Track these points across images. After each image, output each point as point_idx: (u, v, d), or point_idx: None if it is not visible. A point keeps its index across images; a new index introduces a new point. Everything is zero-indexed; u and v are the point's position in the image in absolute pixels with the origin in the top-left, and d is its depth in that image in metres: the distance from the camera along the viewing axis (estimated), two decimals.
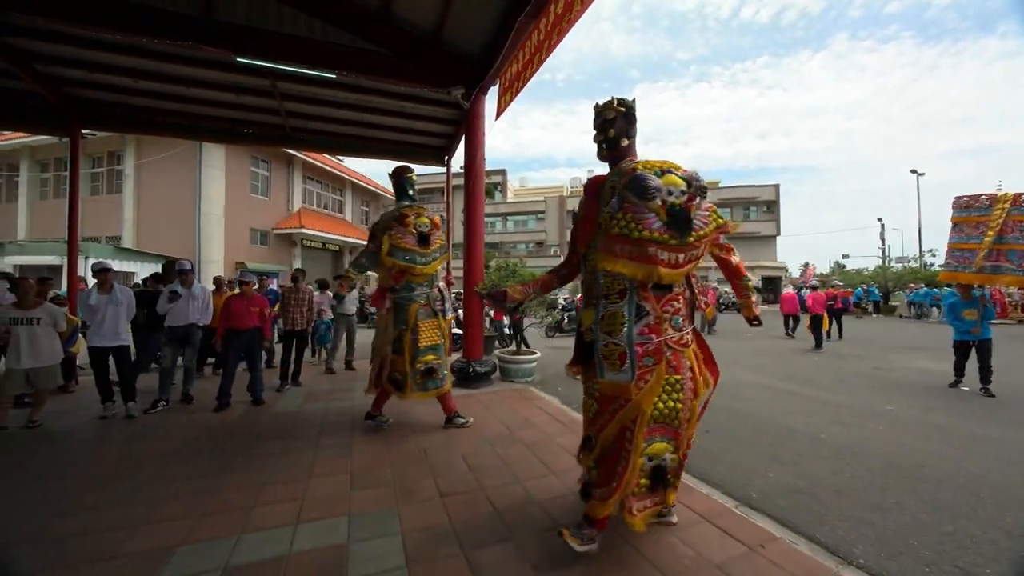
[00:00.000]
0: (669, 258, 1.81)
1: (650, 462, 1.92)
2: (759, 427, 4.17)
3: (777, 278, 36.47)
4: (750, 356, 8.75)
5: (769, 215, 37.95)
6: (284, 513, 2.40)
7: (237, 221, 16.73)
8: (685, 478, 2.86)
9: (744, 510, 2.49)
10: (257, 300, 4.83)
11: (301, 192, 20.14)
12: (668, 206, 1.82)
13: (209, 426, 4.03)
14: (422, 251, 3.62)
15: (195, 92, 6.23)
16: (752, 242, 37.16)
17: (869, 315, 21.56)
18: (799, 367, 7.49)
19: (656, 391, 1.86)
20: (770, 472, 3.12)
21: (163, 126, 7.16)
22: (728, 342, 11.10)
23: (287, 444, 3.53)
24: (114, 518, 2.38)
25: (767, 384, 6.08)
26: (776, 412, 4.68)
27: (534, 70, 4.41)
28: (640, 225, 1.81)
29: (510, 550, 2.06)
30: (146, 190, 16.01)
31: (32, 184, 17.75)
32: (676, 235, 1.80)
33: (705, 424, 4.16)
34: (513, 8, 4.48)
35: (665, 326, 1.90)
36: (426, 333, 3.69)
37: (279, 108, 6.72)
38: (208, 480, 2.86)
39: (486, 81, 5.39)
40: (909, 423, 4.28)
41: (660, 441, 1.93)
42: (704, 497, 2.63)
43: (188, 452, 3.41)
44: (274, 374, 5.70)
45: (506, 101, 4.96)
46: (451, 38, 5.36)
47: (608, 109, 2.04)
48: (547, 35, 4.11)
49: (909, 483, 2.93)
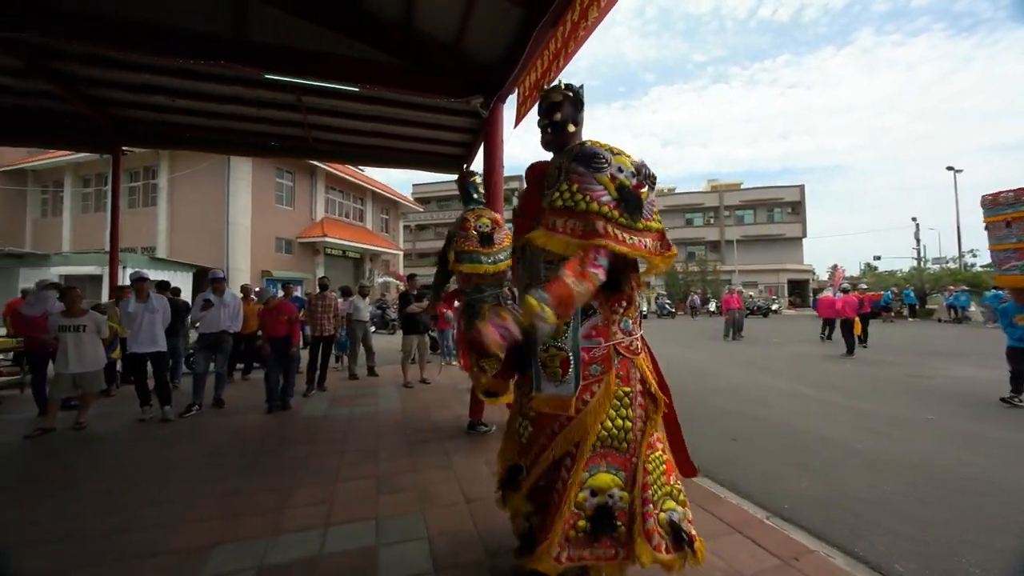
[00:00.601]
0: (620, 236, 1.54)
1: (593, 497, 1.54)
2: (788, 436, 4.05)
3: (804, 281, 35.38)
4: (778, 362, 8.51)
5: (794, 216, 36.90)
6: (314, 515, 2.46)
7: (263, 231, 17.30)
8: (712, 487, 2.82)
9: (776, 521, 2.42)
10: (285, 308, 4.99)
11: (324, 202, 20.69)
12: (618, 184, 1.60)
13: (240, 430, 4.16)
14: (486, 251, 3.62)
15: (226, 108, 6.51)
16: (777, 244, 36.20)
17: (904, 319, 20.66)
18: (830, 373, 7.24)
19: (605, 406, 1.57)
20: (802, 482, 3.02)
21: (195, 141, 7.50)
22: (755, 348, 10.82)
23: (314, 448, 3.62)
24: (154, 517, 2.49)
25: (796, 391, 5.90)
26: (806, 420, 4.53)
27: (552, 78, 4.45)
28: (588, 196, 1.56)
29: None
30: (178, 203, 16.76)
31: (75, 199, 18.81)
32: (626, 214, 1.57)
33: (732, 431, 4.10)
34: (531, 18, 4.53)
35: (614, 328, 1.64)
36: None
37: (304, 121, 6.94)
38: (240, 482, 2.95)
39: (504, 90, 5.46)
40: (952, 434, 4.08)
41: (606, 472, 1.57)
42: (733, 507, 2.57)
43: (220, 455, 3.53)
44: (300, 379, 5.85)
45: (525, 109, 5.00)
46: (470, 49, 5.46)
47: (555, 92, 1.86)
48: (564, 43, 4.15)
49: (953, 497, 2.80)
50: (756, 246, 35.97)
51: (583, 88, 1.93)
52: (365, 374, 6.82)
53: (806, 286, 34.99)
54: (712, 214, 39.16)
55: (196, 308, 4.74)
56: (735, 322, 12.58)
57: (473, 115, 6.31)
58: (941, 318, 19.55)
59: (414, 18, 5.11)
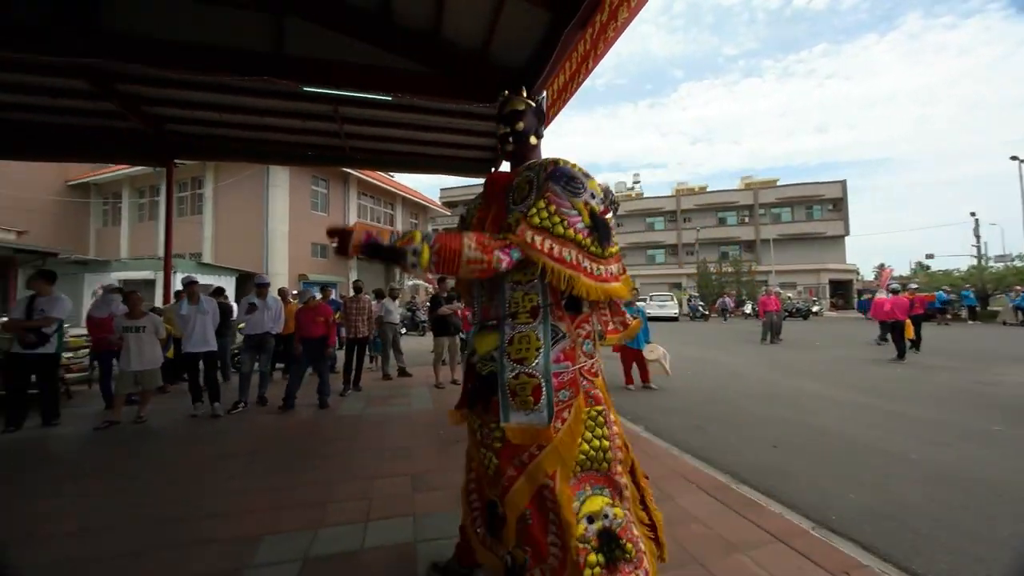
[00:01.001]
0: (590, 268, 1.51)
1: (591, 524, 1.42)
2: (835, 444, 3.85)
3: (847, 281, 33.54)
4: (820, 366, 8.11)
5: (835, 214, 35.11)
6: (354, 511, 2.54)
7: (300, 236, 18.05)
8: (751, 494, 2.72)
9: (823, 532, 2.32)
10: (322, 310, 5.19)
11: (356, 208, 21.39)
12: (590, 210, 1.56)
13: (282, 427, 4.36)
14: None
15: (266, 120, 6.85)
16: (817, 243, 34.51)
17: (963, 321, 19.21)
18: (878, 379, 6.83)
19: (579, 430, 1.50)
20: (851, 493, 2.87)
21: (239, 153, 7.92)
22: (795, 352, 10.36)
23: (351, 445, 3.74)
24: (207, 507, 2.65)
25: (842, 397, 5.60)
26: (854, 428, 4.30)
27: (581, 80, 4.43)
28: (566, 221, 1.51)
29: None
30: (222, 210, 17.74)
31: (132, 209, 20.25)
32: (597, 243, 1.54)
33: (771, 438, 3.95)
34: (558, 21, 4.54)
35: (579, 352, 1.59)
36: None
37: (339, 131, 7.21)
38: (284, 477, 3.09)
39: (533, 93, 5.49)
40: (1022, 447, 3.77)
41: (593, 494, 1.48)
42: (775, 516, 2.47)
43: (265, 450, 3.71)
44: (337, 379, 6.07)
45: (553, 112, 5.00)
46: (498, 54, 5.52)
47: (517, 100, 1.77)
48: (593, 44, 4.13)
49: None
50: (794, 245, 34.43)
51: (544, 99, 1.87)
52: (396, 375, 6.99)
53: (850, 287, 33.14)
54: (746, 212, 37.78)
55: (241, 311, 5.02)
56: (773, 325, 12.07)
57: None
58: (1007, 320, 18.02)
59: (442, 27, 5.22)
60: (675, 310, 23.49)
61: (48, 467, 3.55)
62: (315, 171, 18.94)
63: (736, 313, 26.93)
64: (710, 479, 2.98)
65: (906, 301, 9.27)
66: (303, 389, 5.04)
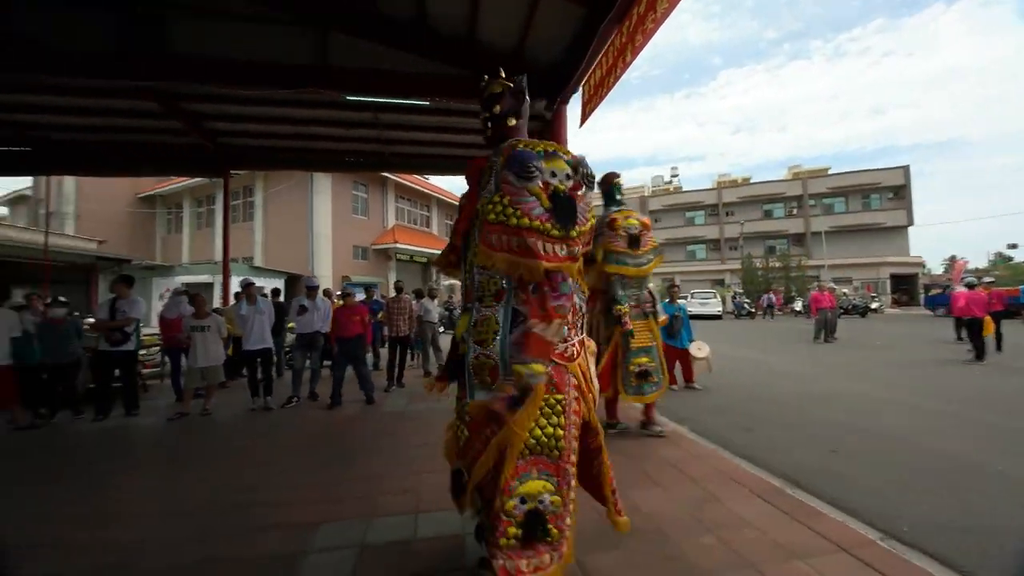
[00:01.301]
0: (550, 251, 1.53)
1: (523, 504, 1.52)
2: (902, 451, 3.58)
3: (912, 275, 30.94)
4: (882, 367, 7.55)
5: (897, 202, 32.45)
6: (404, 503, 2.64)
7: (342, 239, 18.84)
8: (809, 500, 2.59)
9: (892, 544, 2.16)
10: (358, 309, 5.39)
11: (394, 210, 22.06)
12: (552, 191, 1.56)
13: (332, 422, 4.59)
14: (633, 253, 3.70)
15: (312, 130, 7.20)
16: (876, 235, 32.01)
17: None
18: (952, 381, 6.26)
19: (532, 413, 1.53)
20: (923, 504, 2.66)
21: (287, 162, 8.39)
22: (852, 351, 9.70)
23: (397, 440, 3.88)
24: (268, 494, 2.83)
25: (907, 400, 5.19)
26: (923, 434, 3.97)
27: (619, 74, 4.35)
28: (519, 210, 1.54)
29: (620, 558, 2.04)
30: (271, 216, 18.82)
31: (192, 217, 21.88)
32: (559, 225, 1.53)
33: (830, 442, 3.72)
34: (594, 16, 4.48)
35: None
36: (638, 335, 3.73)
37: (379, 136, 7.47)
38: (335, 469, 3.25)
39: (567, 90, 5.45)
40: None
41: (537, 478, 1.55)
42: (838, 524, 2.33)
43: (318, 443, 3.92)
44: (380, 376, 6.29)
45: (590, 108, 4.96)
46: (532, 53, 5.52)
47: (494, 84, 1.79)
48: (630, 37, 4.03)
49: None
50: (849, 237, 32.12)
51: (524, 79, 1.84)
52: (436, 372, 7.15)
53: (914, 281, 30.52)
54: (795, 204, 35.66)
55: (293, 312, 5.32)
56: (827, 323, 11.34)
57: (537, 118, 6.36)
58: None
59: (477, 30, 5.29)
60: (718, 308, 22.54)
61: (132, 453, 3.94)
62: (355, 176, 19.70)
63: (785, 311, 25.52)
64: (761, 482, 2.86)
65: (983, 296, 8.43)
66: (349, 386, 5.26)
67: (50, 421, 4.81)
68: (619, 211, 3.83)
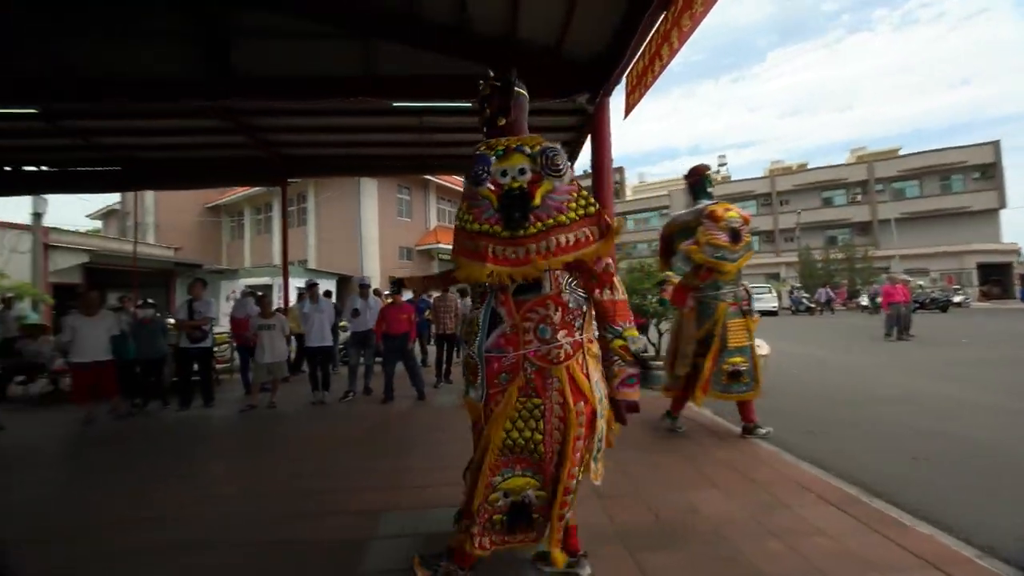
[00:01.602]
0: (500, 253, 1.52)
1: (506, 498, 1.57)
2: (995, 459, 3.22)
3: (1005, 265, 27.55)
4: (969, 368, 6.81)
5: (985, 183, 29.07)
6: (457, 495, 2.71)
7: (388, 241, 19.60)
8: (890, 510, 2.40)
9: (991, 562, 1.95)
10: (405, 308, 5.58)
11: (435, 212, 22.65)
12: (505, 190, 1.53)
13: (386, 416, 4.80)
14: (732, 248, 3.50)
15: (360, 137, 7.54)
16: (958, 220, 28.79)
17: None
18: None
19: (505, 416, 1.54)
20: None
21: (337, 168, 8.85)
22: (932, 350, 8.83)
23: (449, 434, 3.99)
24: (330, 483, 3.01)
25: (1001, 405, 4.65)
26: (1021, 443, 3.55)
27: (665, 63, 4.20)
28: (472, 215, 1.58)
29: (679, 559, 1.99)
30: (323, 220, 19.91)
31: (252, 224, 23.58)
32: (509, 228, 1.51)
33: (911, 448, 3.42)
34: (638, 4, 4.36)
35: (528, 337, 1.55)
36: (735, 334, 3.58)
37: (422, 140, 7.68)
38: (392, 460, 3.40)
39: (611, 82, 5.35)
40: None
41: (520, 475, 1.57)
42: (925, 538, 2.14)
43: (374, 435, 4.12)
44: (429, 373, 6.50)
45: (635, 99, 4.83)
46: (573, 47, 5.46)
47: (483, 86, 1.75)
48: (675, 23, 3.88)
49: None
50: (925, 224, 29.17)
51: (514, 73, 1.76)
52: None
53: (1008, 270, 27.14)
54: (859, 190, 32.90)
55: (347, 314, 5.63)
56: (900, 318, 10.37)
57: (578, 112, 6.29)
58: None
59: (517, 29, 5.30)
60: (774, 303, 21.28)
61: (212, 440, 4.36)
62: (399, 180, 20.40)
63: (849, 305, 23.63)
64: (832, 488, 2.68)
65: None
66: (400, 381, 5.48)
67: (143, 410, 5.39)
68: (718, 203, 3.62)
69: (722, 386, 3.55)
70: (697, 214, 3.60)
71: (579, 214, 1.55)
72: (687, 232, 3.67)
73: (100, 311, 5.17)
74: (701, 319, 3.59)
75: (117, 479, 3.27)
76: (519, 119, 1.73)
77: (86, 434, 4.61)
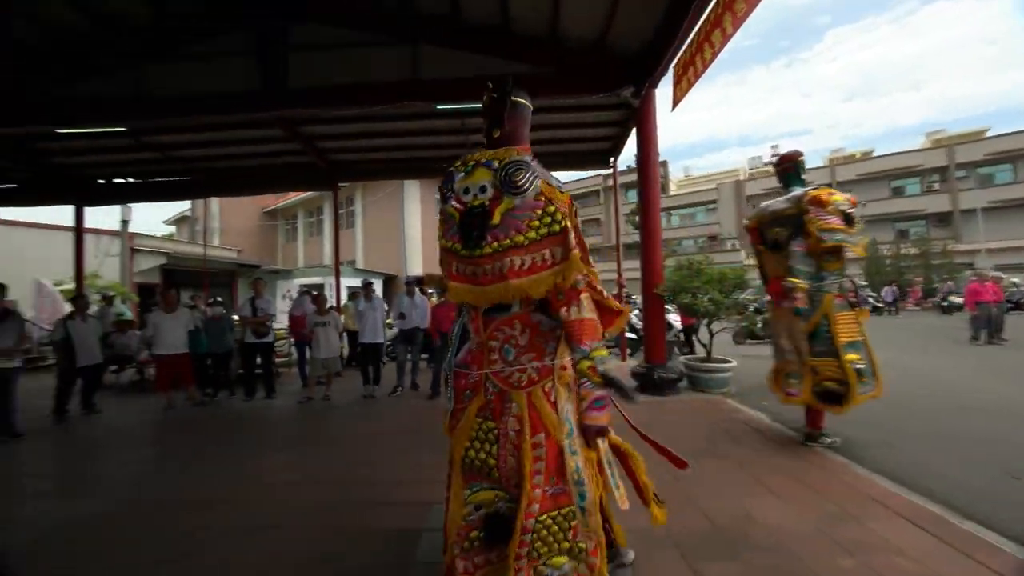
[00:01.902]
0: (460, 271, 1.50)
1: (477, 511, 1.49)
2: None
3: None
4: None
5: None
6: None
7: (431, 240, 20.10)
8: (985, 534, 2.17)
9: None
10: (454, 306, 5.70)
11: None
12: (467, 208, 1.48)
13: (433, 411, 4.92)
14: (849, 231, 3.27)
15: (406, 141, 7.79)
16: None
17: None
18: None
19: (464, 434, 1.51)
20: None
21: (384, 171, 9.21)
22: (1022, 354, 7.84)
23: None
24: (384, 473, 3.15)
25: None
26: None
27: (717, 50, 4.01)
28: (442, 231, 1.58)
29: (738, 570, 1.90)
30: (369, 222, 20.74)
31: (305, 227, 24.99)
32: (467, 247, 1.46)
33: (1006, 463, 3.08)
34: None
35: (493, 356, 1.50)
36: (845, 327, 3.29)
37: (465, 142, 7.81)
38: (440, 454, 3.47)
39: (657, 73, 5.19)
40: None
41: (488, 489, 1.49)
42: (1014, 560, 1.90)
43: (423, 428, 4.24)
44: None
45: (683, 90, 4.66)
46: (616, 41, 5.35)
47: (485, 98, 1.67)
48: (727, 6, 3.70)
49: None
50: (1018, 213, 25.91)
51: (510, 82, 1.66)
52: None
53: None
54: (936, 177, 29.77)
55: (394, 315, 5.87)
56: (991, 320, 9.25)
57: (623, 106, 6.16)
58: None
59: (559, 27, 5.26)
60: None
61: (274, 429, 4.69)
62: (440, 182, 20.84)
63: (925, 305, 21.50)
64: (912, 505, 2.45)
65: None
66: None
67: (214, 399, 5.88)
68: (820, 188, 3.36)
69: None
70: (796, 202, 3.32)
71: (542, 233, 1.43)
72: (780, 222, 3.42)
73: (178, 308, 5.69)
74: (806, 313, 3.30)
75: (190, 463, 3.60)
76: (516, 130, 1.65)
77: (166, 420, 5.11)
